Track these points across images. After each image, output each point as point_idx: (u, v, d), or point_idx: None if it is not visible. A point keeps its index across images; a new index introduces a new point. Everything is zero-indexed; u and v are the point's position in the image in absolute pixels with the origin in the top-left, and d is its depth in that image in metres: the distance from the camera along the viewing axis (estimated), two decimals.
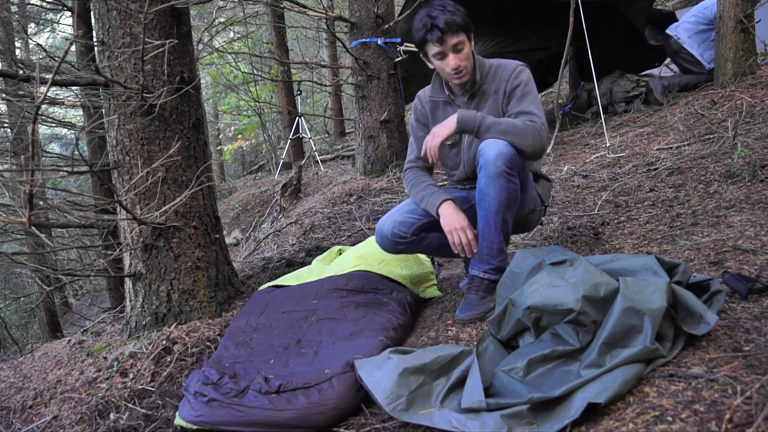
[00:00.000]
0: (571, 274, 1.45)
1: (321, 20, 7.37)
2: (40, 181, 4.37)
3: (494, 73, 2.02)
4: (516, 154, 1.84)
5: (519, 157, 1.86)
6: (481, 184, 1.87)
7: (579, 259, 1.49)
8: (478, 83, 2.01)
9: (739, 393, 1.07)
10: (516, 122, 1.87)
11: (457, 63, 1.91)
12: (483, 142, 1.88)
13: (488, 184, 1.84)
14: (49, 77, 1.83)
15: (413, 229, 2.07)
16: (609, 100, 5.28)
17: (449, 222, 1.92)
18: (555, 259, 1.53)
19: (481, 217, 1.91)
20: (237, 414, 1.60)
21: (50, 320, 6.66)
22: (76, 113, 9.95)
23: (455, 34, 1.87)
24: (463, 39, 1.90)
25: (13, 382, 2.62)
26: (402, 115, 5.17)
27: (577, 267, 1.46)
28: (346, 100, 12.12)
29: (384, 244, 2.14)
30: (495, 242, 1.91)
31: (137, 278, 2.63)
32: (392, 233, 2.08)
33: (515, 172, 1.84)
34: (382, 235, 2.11)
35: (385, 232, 2.10)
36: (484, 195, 1.87)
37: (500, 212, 1.86)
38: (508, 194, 1.84)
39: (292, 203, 5.91)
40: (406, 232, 2.07)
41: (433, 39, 1.87)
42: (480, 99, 2.03)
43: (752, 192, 2.41)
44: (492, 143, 1.84)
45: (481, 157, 1.86)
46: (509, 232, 1.95)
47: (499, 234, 1.90)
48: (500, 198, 1.84)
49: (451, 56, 1.90)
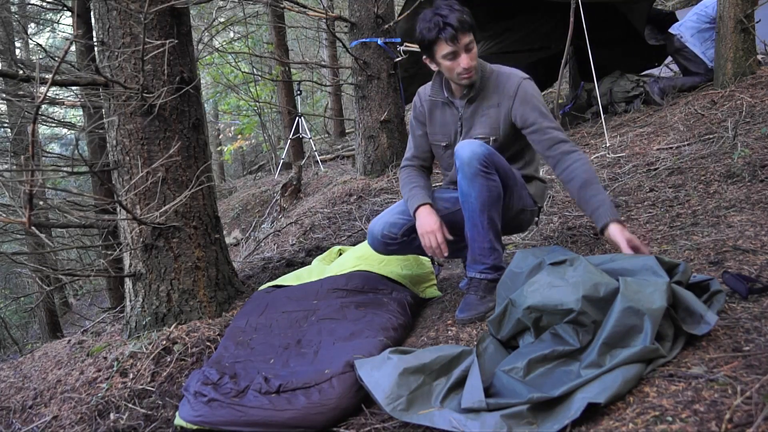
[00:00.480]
0: (571, 274, 1.45)
1: (321, 20, 7.37)
2: (40, 181, 4.37)
3: (496, 82, 1.99)
4: (490, 152, 1.85)
5: (495, 156, 1.87)
6: (461, 186, 1.88)
7: (579, 259, 1.49)
8: (476, 88, 1.99)
9: (739, 393, 1.07)
10: (594, 177, 1.81)
11: (469, 62, 1.87)
12: (458, 144, 1.89)
13: (468, 185, 1.85)
14: (49, 77, 1.83)
15: (403, 230, 2.07)
16: (609, 100, 5.28)
17: (421, 225, 1.94)
18: (555, 259, 1.53)
19: (467, 218, 1.92)
20: (237, 414, 1.60)
21: (50, 320, 6.66)
22: (76, 113, 9.95)
23: (467, 32, 1.85)
24: (473, 38, 1.88)
25: (13, 382, 2.62)
26: (402, 115, 5.17)
27: (577, 267, 1.46)
28: (346, 100, 12.12)
29: (375, 246, 2.15)
30: (485, 241, 1.91)
31: (137, 278, 2.63)
32: (382, 234, 2.09)
33: (492, 169, 1.85)
34: (373, 236, 2.13)
35: (376, 233, 2.11)
36: (466, 196, 1.88)
37: (484, 211, 1.86)
38: (489, 192, 1.85)
39: (292, 203, 5.91)
40: (396, 233, 2.08)
41: (447, 38, 1.82)
42: (479, 105, 2.01)
43: (752, 192, 2.41)
44: (466, 144, 1.85)
45: (457, 159, 1.87)
46: (499, 230, 1.95)
47: (487, 233, 1.90)
48: (482, 197, 1.85)
49: (464, 56, 1.87)
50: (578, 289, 1.38)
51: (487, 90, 1.99)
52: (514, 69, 2.03)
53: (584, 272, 1.42)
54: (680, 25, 4.79)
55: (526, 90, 1.95)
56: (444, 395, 1.41)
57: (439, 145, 2.13)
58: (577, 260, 1.49)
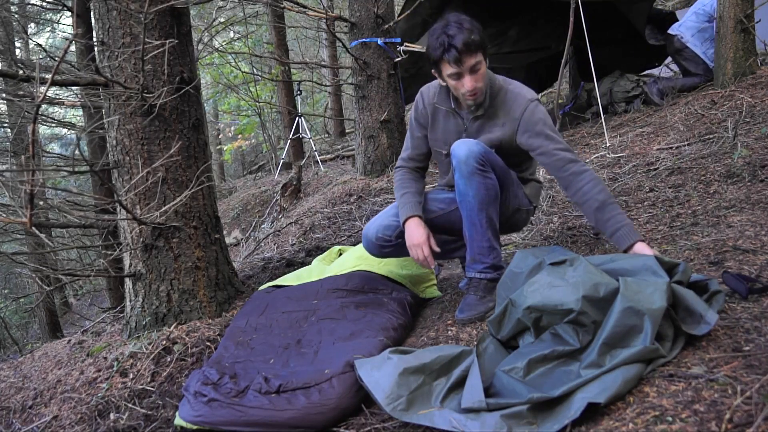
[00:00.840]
0: (571, 274, 1.45)
1: (321, 20, 7.37)
2: (40, 181, 4.37)
3: (503, 100, 1.94)
4: (487, 151, 1.84)
5: (491, 155, 1.86)
6: (459, 186, 1.88)
7: (579, 259, 1.49)
8: (485, 106, 1.94)
9: (739, 393, 1.07)
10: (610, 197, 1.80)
11: (473, 85, 1.83)
12: (454, 144, 1.88)
13: (465, 184, 1.85)
14: (49, 77, 1.83)
15: (397, 232, 2.08)
16: (609, 100, 5.28)
17: (409, 237, 1.97)
18: (555, 259, 1.53)
19: (465, 218, 1.91)
20: (237, 414, 1.60)
21: (50, 320, 6.66)
22: (76, 113, 9.95)
23: (473, 54, 1.78)
24: (480, 59, 1.81)
25: (13, 382, 2.62)
26: (402, 115, 5.17)
27: (577, 267, 1.46)
28: (346, 100, 12.12)
29: (370, 248, 2.16)
30: (484, 240, 1.91)
31: (137, 278, 2.63)
32: (377, 237, 2.10)
33: (489, 168, 1.84)
34: (368, 239, 2.14)
35: (370, 236, 2.12)
36: (463, 196, 1.88)
37: (483, 210, 1.86)
38: (486, 190, 1.85)
39: (292, 203, 5.91)
40: (390, 235, 2.09)
41: (451, 59, 1.77)
42: (485, 122, 1.97)
43: (752, 192, 2.41)
44: (462, 144, 1.85)
45: (454, 158, 1.87)
46: (497, 229, 1.95)
47: (486, 231, 1.90)
48: (479, 195, 1.85)
49: (467, 78, 1.81)
50: (578, 289, 1.38)
51: (495, 108, 1.95)
52: (522, 88, 1.97)
53: (584, 272, 1.42)
54: (680, 25, 4.79)
55: (532, 115, 1.89)
56: (444, 395, 1.41)
57: (439, 152, 2.11)
58: (577, 260, 1.49)
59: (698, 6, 4.73)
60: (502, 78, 2.01)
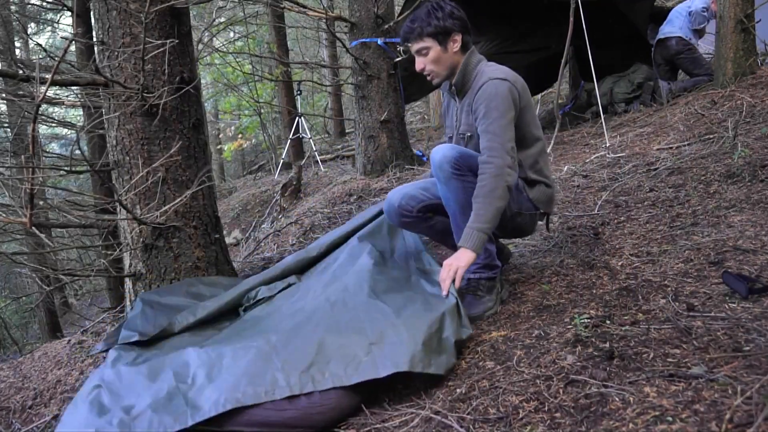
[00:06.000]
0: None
1: (321, 20, 7.37)
2: (40, 180, 4.37)
3: (475, 80, 1.98)
4: (462, 154, 1.85)
5: (471, 159, 1.86)
6: (441, 192, 1.92)
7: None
8: (457, 85, 2.01)
9: (739, 393, 1.07)
10: (482, 193, 1.79)
11: (420, 66, 1.98)
12: (432, 150, 1.92)
13: (445, 189, 1.89)
14: (49, 77, 1.83)
15: (420, 206, 2.06)
16: (609, 100, 5.28)
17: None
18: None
19: (452, 223, 1.95)
20: (237, 413, 1.60)
21: (50, 320, 6.67)
22: (76, 113, 9.95)
23: (417, 40, 1.94)
24: (429, 44, 1.93)
25: (13, 382, 2.62)
26: (402, 115, 5.17)
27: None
28: (346, 100, 12.12)
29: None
30: None
31: (137, 278, 2.63)
32: (399, 204, 2.08)
33: (465, 171, 1.85)
34: (390, 204, 2.11)
35: (394, 201, 2.10)
36: (446, 200, 1.92)
37: (465, 213, 1.86)
38: (465, 193, 1.85)
39: (292, 203, 5.91)
40: (413, 206, 2.06)
41: (402, 44, 1.99)
42: (464, 102, 2.04)
43: (752, 192, 2.41)
44: (437, 149, 1.88)
45: (432, 166, 1.90)
46: None
47: None
48: (459, 199, 1.87)
49: (417, 60, 1.99)
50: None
51: (468, 87, 2.00)
52: (497, 69, 1.95)
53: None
54: (678, 29, 4.81)
55: (483, 92, 1.89)
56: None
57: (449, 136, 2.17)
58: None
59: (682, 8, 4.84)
60: (487, 63, 2.01)
